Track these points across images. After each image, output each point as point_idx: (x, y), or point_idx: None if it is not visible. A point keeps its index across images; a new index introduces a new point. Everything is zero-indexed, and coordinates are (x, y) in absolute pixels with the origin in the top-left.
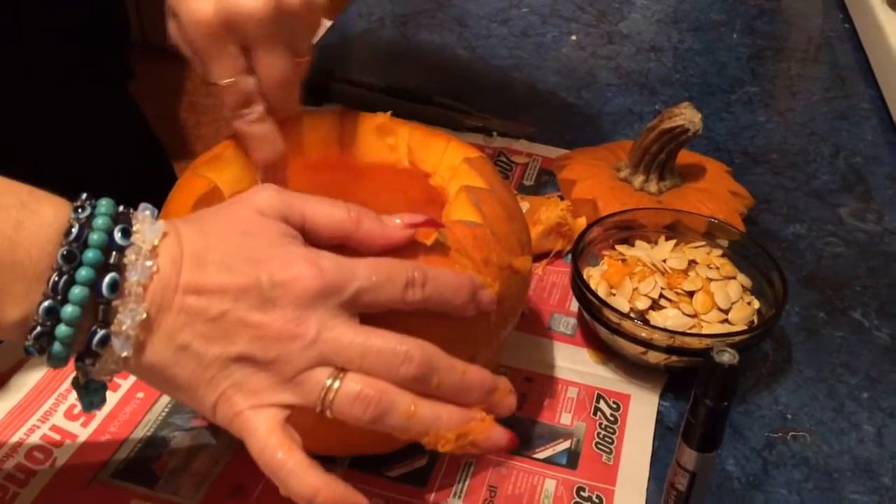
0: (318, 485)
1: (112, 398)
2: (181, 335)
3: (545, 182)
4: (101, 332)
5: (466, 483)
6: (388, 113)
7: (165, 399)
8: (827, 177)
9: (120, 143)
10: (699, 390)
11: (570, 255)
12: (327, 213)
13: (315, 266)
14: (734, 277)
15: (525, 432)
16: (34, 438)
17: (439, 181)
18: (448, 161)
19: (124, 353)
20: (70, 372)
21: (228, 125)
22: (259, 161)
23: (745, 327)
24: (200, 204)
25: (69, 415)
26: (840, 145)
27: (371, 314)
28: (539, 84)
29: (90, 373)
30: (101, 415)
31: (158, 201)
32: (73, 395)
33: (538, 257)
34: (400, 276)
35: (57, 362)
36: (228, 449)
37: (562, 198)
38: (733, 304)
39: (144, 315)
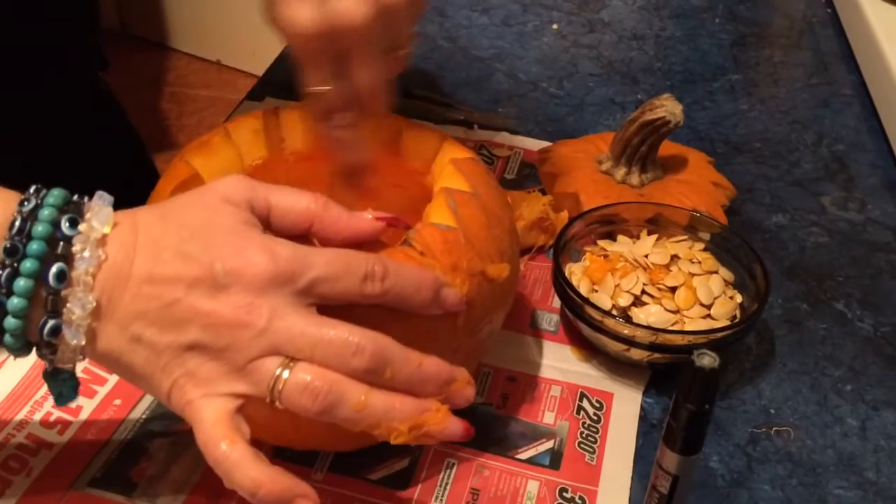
0: (261, 478)
1: (89, 405)
2: (134, 324)
3: (527, 175)
4: (51, 322)
5: (448, 485)
6: None
7: (143, 405)
8: (809, 165)
9: (94, 135)
10: (680, 394)
11: (552, 251)
12: (293, 199)
13: (269, 252)
14: (716, 272)
15: (508, 432)
16: (9, 448)
17: (431, 180)
18: (441, 160)
19: (75, 342)
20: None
21: (313, 129)
22: (343, 165)
23: (728, 322)
24: (179, 191)
25: (45, 423)
26: (822, 133)
27: (330, 311)
28: (520, 74)
29: (54, 362)
30: (77, 422)
31: (136, 194)
32: (49, 402)
33: (520, 253)
34: (359, 268)
35: (16, 353)
36: None
37: (543, 192)
38: (716, 299)
39: (94, 304)
